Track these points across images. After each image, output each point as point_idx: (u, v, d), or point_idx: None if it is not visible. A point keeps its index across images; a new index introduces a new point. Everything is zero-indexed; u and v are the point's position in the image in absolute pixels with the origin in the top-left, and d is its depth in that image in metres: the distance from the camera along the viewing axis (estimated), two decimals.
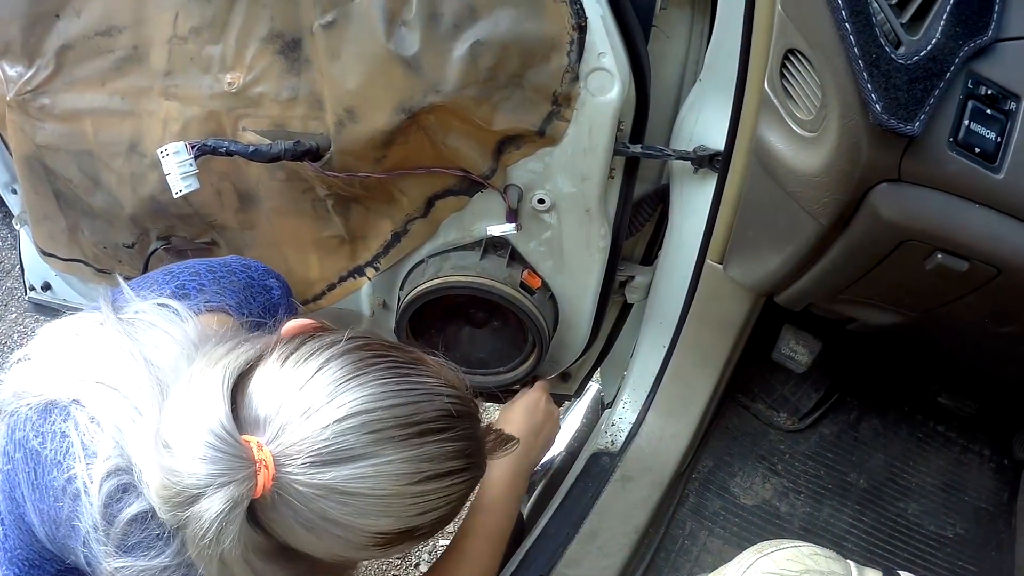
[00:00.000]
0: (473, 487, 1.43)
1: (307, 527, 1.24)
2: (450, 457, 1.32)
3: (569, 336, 2.36)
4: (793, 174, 1.60)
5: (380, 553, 1.36)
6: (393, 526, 1.28)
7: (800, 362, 2.57)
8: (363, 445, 1.24)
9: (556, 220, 2.07)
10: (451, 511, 1.38)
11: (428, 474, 1.29)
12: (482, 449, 1.44)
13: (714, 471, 2.50)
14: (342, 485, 1.22)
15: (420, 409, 1.30)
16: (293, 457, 1.22)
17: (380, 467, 1.24)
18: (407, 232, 2.14)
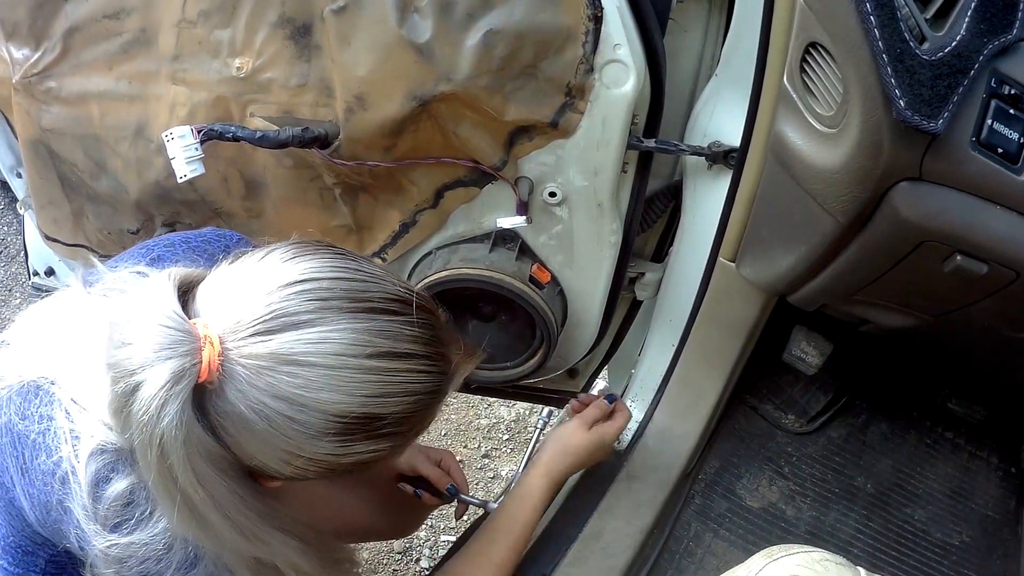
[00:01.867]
0: (439, 389, 1.37)
1: (257, 411, 1.20)
2: (406, 339, 1.28)
3: (577, 332, 2.34)
4: (811, 170, 1.58)
5: (340, 449, 1.26)
6: (349, 406, 1.23)
7: (811, 364, 2.55)
8: (308, 311, 1.22)
9: (567, 214, 2.05)
10: (415, 410, 1.32)
11: (383, 350, 1.25)
12: (444, 346, 1.38)
13: (720, 472, 2.48)
14: (288, 351, 1.20)
15: (368, 288, 1.29)
16: (238, 331, 1.21)
17: (327, 334, 1.22)
18: (415, 223, 2.12)
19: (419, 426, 1.39)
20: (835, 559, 1.40)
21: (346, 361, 1.21)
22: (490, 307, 2.30)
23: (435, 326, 1.36)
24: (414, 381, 1.29)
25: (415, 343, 1.29)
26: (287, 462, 1.26)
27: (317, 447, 1.24)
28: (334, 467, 1.28)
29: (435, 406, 1.38)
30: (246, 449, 1.24)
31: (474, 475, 3.55)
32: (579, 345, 2.39)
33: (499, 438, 3.79)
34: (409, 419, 1.31)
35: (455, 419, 3.89)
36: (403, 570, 3.30)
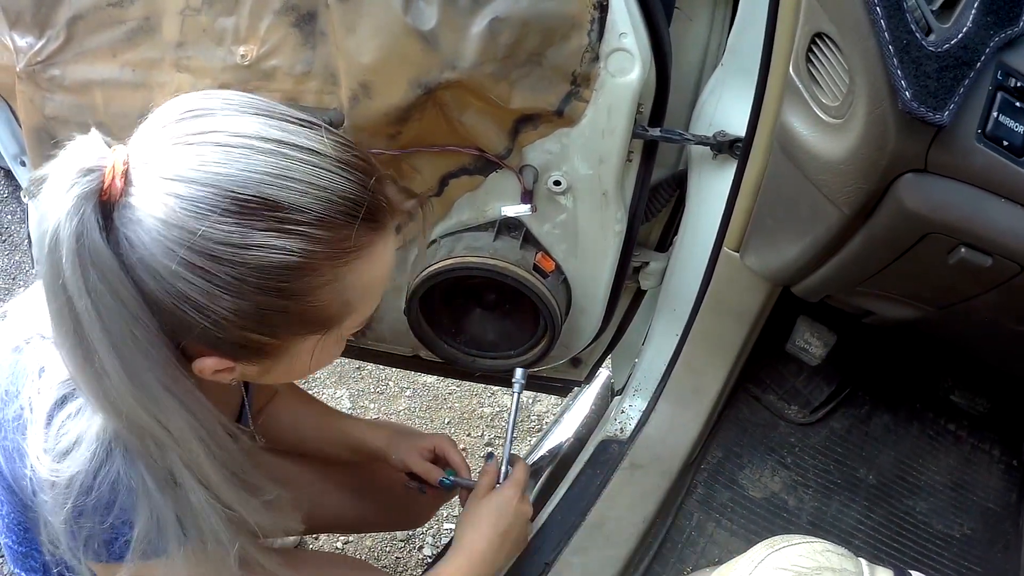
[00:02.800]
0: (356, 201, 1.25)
1: (152, 200, 1.16)
2: (312, 139, 1.24)
3: (581, 321, 2.34)
4: (817, 161, 1.57)
5: (237, 233, 1.17)
6: (243, 182, 1.16)
7: (814, 355, 2.55)
8: (214, 107, 1.23)
9: (572, 203, 2.05)
10: (325, 213, 1.21)
11: (285, 139, 1.21)
12: (365, 162, 1.30)
13: (723, 462, 2.48)
14: (186, 134, 1.20)
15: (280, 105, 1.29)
16: (147, 138, 1.22)
17: (228, 120, 1.22)
18: (420, 211, 2.09)
19: (344, 252, 1.26)
20: (837, 549, 1.41)
21: (243, 141, 1.19)
22: (494, 295, 2.29)
23: (353, 147, 1.31)
24: (319, 177, 1.22)
25: (322, 144, 1.25)
26: (183, 264, 1.16)
27: (212, 229, 1.16)
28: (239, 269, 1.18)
29: (362, 232, 1.26)
30: (140, 265, 1.18)
31: (477, 463, 3.51)
32: (583, 334, 2.39)
33: (502, 427, 3.80)
34: (322, 223, 1.21)
35: (458, 407, 3.90)
36: (406, 558, 3.30)
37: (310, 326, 1.32)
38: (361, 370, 4.10)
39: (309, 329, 1.32)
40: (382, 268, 1.35)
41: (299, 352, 1.36)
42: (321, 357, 1.42)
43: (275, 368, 1.39)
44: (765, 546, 1.44)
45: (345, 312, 1.34)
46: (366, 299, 1.37)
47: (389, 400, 3.97)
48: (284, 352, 1.34)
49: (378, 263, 1.33)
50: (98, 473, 1.31)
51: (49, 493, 1.32)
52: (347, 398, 3.97)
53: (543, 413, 3.88)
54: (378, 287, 1.38)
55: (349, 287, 1.30)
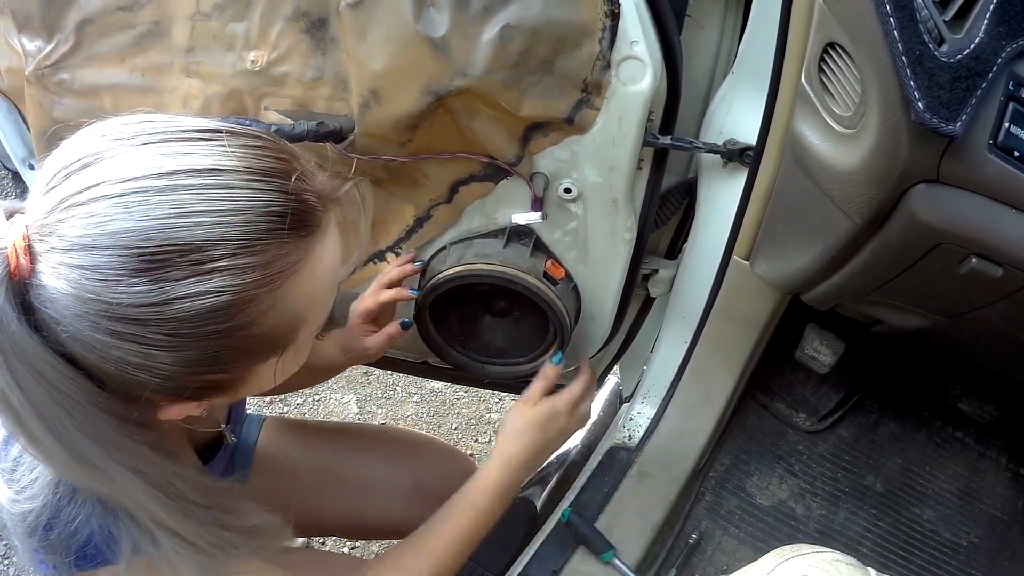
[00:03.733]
0: (281, 212, 1.15)
1: (60, 275, 1.08)
2: (211, 155, 1.13)
3: (591, 328, 2.33)
4: (829, 171, 1.57)
5: (156, 292, 1.08)
6: (144, 234, 1.06)
7: (823, 363, 2.55)
8: (97, 151, 1.12)
9: (582, 210, 2.05)
10: (248, 237, 1.11)
11: (177, 168, 1.10)
12: (282, 162, 1.20)
13: (731, 470, 2.48)
14: (75, 192, 1.09)
15: (173, 123, 1.17)
16: (38, 204, 1.12)
17: (114, 165, 1.10)
18: (430, 218, 2.12)
19: (278, 274, 1.16)
20: (846, 559, 1.41)
21: (134, 185, 1.08)
22: (503, 302, 2.28)
23: (264, 147, 1.20)
24: (230, 200, 1.10)
25: (224, 158, 1.13)
26: (109, 334, 1.10)
27: (126, 294, 1.07)
28: (168, 325, 1.10)
29: (294, 245, 1.18)
30: (71, 341, 1.12)
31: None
32: (592, 341, 2.38)
33: None
34: (246, 251, 1.11)
35: (466, 413, 3.90)
36: None
37: (263, 352, 1.25)
38: (368, 375, 4.10)
39: (263, 355, 1.25)
40: (325, 271, 1.26)
41: (262, 373, 1.30)
42: (285, 368, 1.34)
43: (242, 391, 1.34)
44: (775, 556, 1.44)
45: (296, 327, 1.26)
46: (315, 307, 1.28)
47: (396, 405, 3.98)
48: (245, 379, 1.29)
49: (320, 267, 1.24)
50: (61, 511, 1.30)
51: (9, 520, 1.32)
52: (354, 403, 3.97)
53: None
54: (325, 291, 1.29)
55: (292, 304, 1.21)
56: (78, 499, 1.30)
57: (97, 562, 1.35)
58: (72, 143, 1.17)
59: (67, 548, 1.32)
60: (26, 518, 1.30)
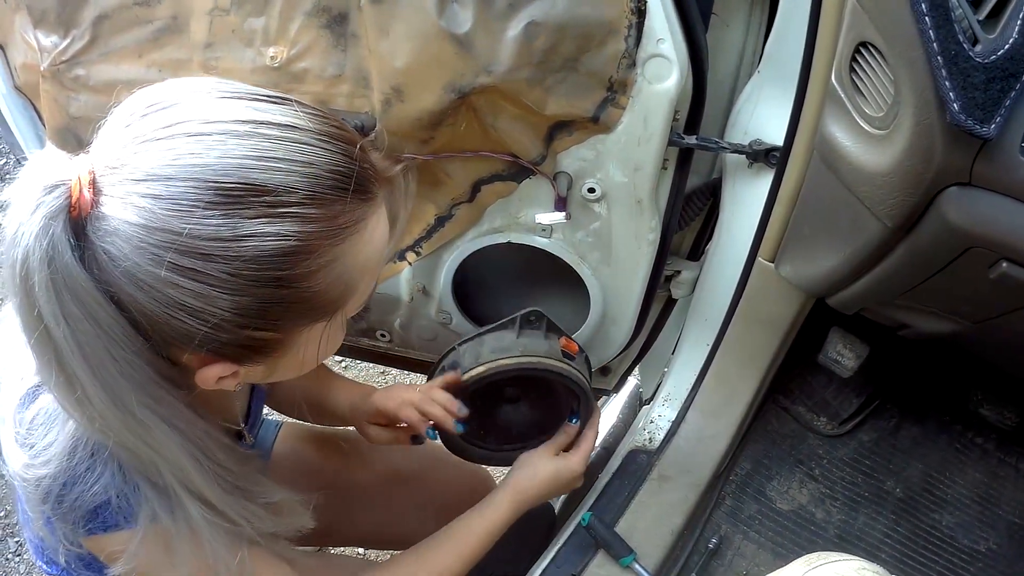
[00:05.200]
0: (344, 174, 1.20)
1: (127, 204, 1.10)
2: (287, 115, 1.18)
3: (612, 330, 2.32)
4: (859, 172, 1.55)
5: (227, 226, 1.10)
6: (223, 171, 1.10)
7: (846, 366, 2.54)
8: (176, 97, 1.18)
9: (606, 210, 2.03)
10: (314, 189, 1.16)
11: (259, 118, 1.16)
12: (344, 132, 1.25)
13: (751, 474, 2.47)
14: (153, 129, 1.14)
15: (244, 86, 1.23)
16: (111, 142, 1.17)
17: (195, 108, 1.16)
18: (451, 217, 2.10)
19: (339, 229, 1.21)
20: (872, 567, 1.41)
21: (216, 127, 1.13)
22: (517, 389, 2.27)
23: (329, 117, 1.25)
24: (303, 153, 1.16)
25: (297, 119, 1.19)
26: (172, 268, 1.10)
27: (198, 226, 1.09)
28: (233, 264, 1.12)
29: (354, 205, 1.22)
30: (124, 278, 1.12)
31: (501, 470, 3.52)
32: (613, 343, 2.37)
33: None
34: (313, 201, 1.16)
35: None
36: None
37: (313, 313, 1.27)
38: (385, 374, 4.09)
39: (312, 317, 1.27)
40: (377, 243, 1.31)
41: (303, 343, 1.31)
42: (327, 345, 1.37)
43: (281, 364, 1.34)
44: (803, 563, 1.43)
45: (347, 294, 1.29)
46: (364, 278, 1.31)
47: None
48: (288, 346, 1.29)
49: (373, 238, 1.29)
50: (77, 477, 1.30)
51: (22, 486, 1.32)
52: None
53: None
54: (375, 263, 1.33)
55: (348, 267, 1.25)
56: (96, 466, 1.31)
57: (109, 526, 1.35)
58: (148, 91, 1.21)
59: (81, 515, 1.33)
60: (40, 483, 1.30)
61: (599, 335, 2.32)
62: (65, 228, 1.10)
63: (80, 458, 1.30)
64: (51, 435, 1.30)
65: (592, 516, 2.14)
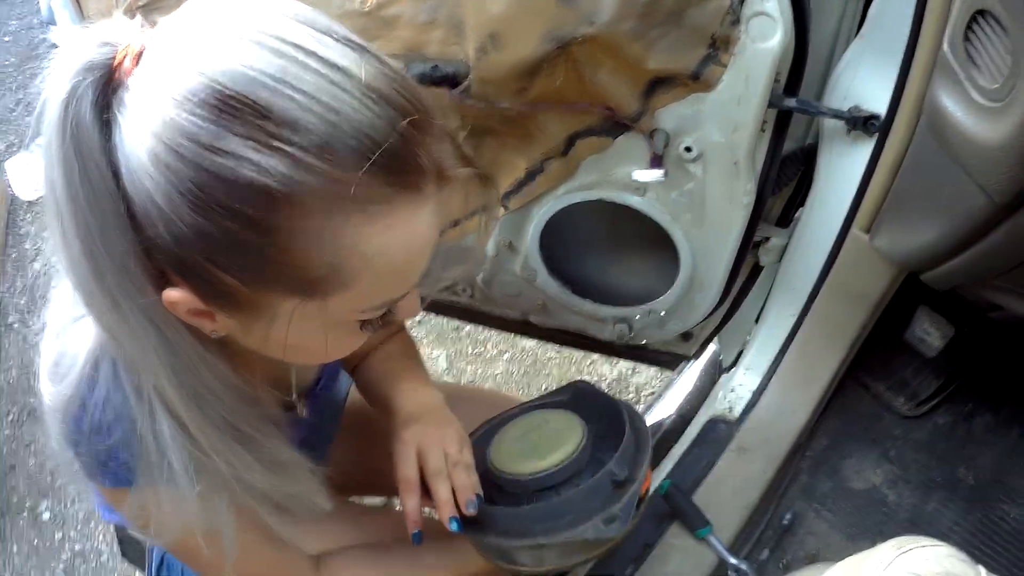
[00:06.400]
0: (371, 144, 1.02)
1: (146, 82, 1.04)
2: (335, 52, 1.04)
3: (699, 296, 2.28)
4: (969, 145, 1.50)
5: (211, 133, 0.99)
6: (232, 76, 0.99)
7: (932, 346, 2.50)
8: (261, 4, 1.07)
9: (701, 170, 1.99)
10: (323, 142, 1.00)
11: (299, 41, 1.03)
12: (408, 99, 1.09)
13: (828, 451, 2.44)
14: (199, 18, 1.07)
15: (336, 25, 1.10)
16: (174, 22, 1.10)
17: (245, 11, 1.06)
18: (543, 171, 2.06)
19: (341, 198, 1.04)
20: (959, 555, 1.37)
21: (261, 36, 1.02)
22: None
23: (397, 79, 1.10)
24: (336, 98, 1.01)
25: (353, 65, 1.04)
26: (152, 155, 1.02)
27: (183, 119, 1.00)
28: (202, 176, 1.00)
29: (376, 182, 1.05)
30: (119, 152, 1.05)
31: None
32: (699, 308, 2.33)
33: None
34: (321, 151, 1.01)
35: (556, 374, 3.87)
36: None
37: (286, 282, 1.10)
38: (459, 330, 4.08)
39: (285, 286, 1.11)
40: (401, 243, 1.12)
41: (277, 317, 1.16)
42: (300, 335, 1.19)
43: (253, 330, 1.20)
44: (894, 547, 1.39)
45: (333, 281, 1.10)
46: (368, 278, 1.12)
47: (487, 363, 3.96)
48: (260, 310, 1.15)
49: (395, 234, 1.10)
50: (89, 393, 1.26)
51: (50, 417, 1.29)
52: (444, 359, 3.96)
53: (641, 385, 3.85)
54: (389, 270, 1.14)
55: (343, 249, 1.07)
56: (110, 392, 1.27)
57: (119, 480, 1.32)
58: None
59: (101, 438, 1.29)
60: (60, 407, 1.27)
61: (685, 300, 2.29)
62: (96, 82, 1.06)
63: (95, 377, 1.26)
64: (71, 358, 1.27)
65: (671, 484, 2.12)
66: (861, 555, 1.45)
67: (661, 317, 2.36)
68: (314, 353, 1.30)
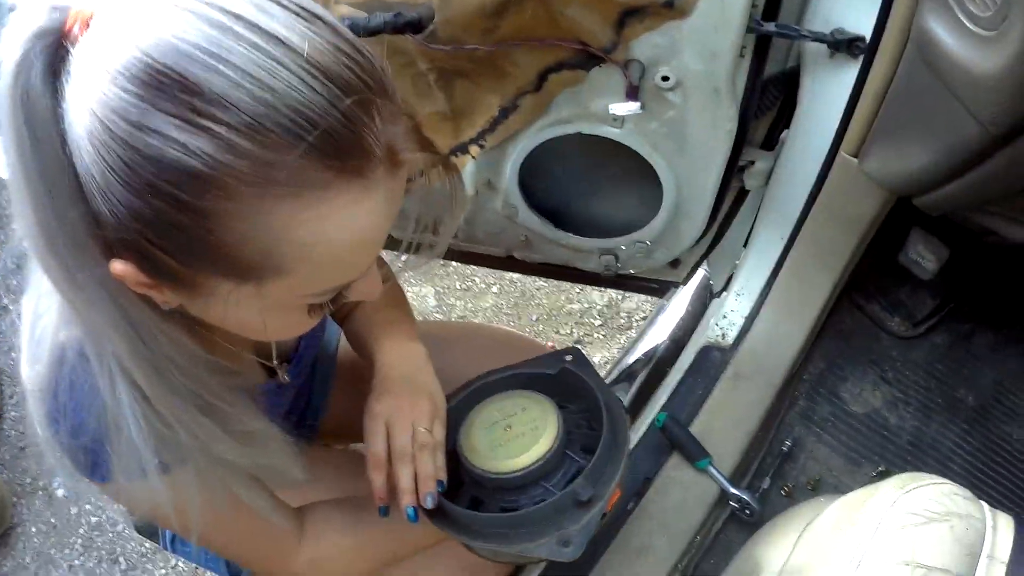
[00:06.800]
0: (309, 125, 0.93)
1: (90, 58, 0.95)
2: (291, 29, 0.95)
3: (684, 224, 2.24)
4: (962, 74, 1.45)
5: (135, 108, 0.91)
6: (159, 49, 0.91)
7: (927, 268, 2.49)
8: None
9: (681, 99, 1.94)
10: (254, 123, 0.91)
11: (253, 20, 0.93)
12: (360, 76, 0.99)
13: (825, 373, 2.43)
14: None
15: None
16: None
17: None
18: (516, 107, 2.01)
19: (271, 182, 0.95)
20: (962, 492, 1.37)
21: (201, 6, 0.94)
22: None
23: (350, 55, 0.99)
24: (272, 73, 0.93)
25: (298, 37, 0.95)
26: (87, 129, 0.94)
27: (111, 93, 0.92)
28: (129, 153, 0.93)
29: (311, 164, 0.96)
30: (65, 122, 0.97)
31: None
32: (686, 236, 2.29)
33: (591, 323, 3.76)
34: (251, 132, 0.93)
35: (546, 304, 3.84)
36: None
37: (219, 265, 1.02)
38: (446, 267, 4.04)
39: (218, 269, 1.03)
40: (343, 232, 1.03)
41: (215, 297, 1.08)
42: (240, 315, 1.12)
43: (193, 304, 1.13)
44: (896, 487, 1.39)
45: (267, 267, 1.03)
46: (306, 267, 1.04)
47: (475, 297, 3.93)
48: (198, 288, 1.06)
49: (335, 223, 1.01)
50: (57, 375, 1.21)
51: (30, 400, 1.23)
52: (432, 296, 3.93)
53: (632, 310, 3.83)
54: (331, 259, 1.05)
55: (275, 236, 0.99)
56: (70, 356, 1.21)
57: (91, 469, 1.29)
58: None
59: (72, 424, 1.24)
60: (37, 389, 1.22)
61: (670, 228, 2.25)
62: (47, 49, 0.98)
63: (65, 357, 1.21)
64: (45, 330, 1.22)
65: (668, 417, 2.10)
66: (863, 492, 1.45)
67: (647, 246, 2.32)
68: (261, 333, 1.20)
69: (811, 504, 1.74)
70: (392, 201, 1.07)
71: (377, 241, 1.10)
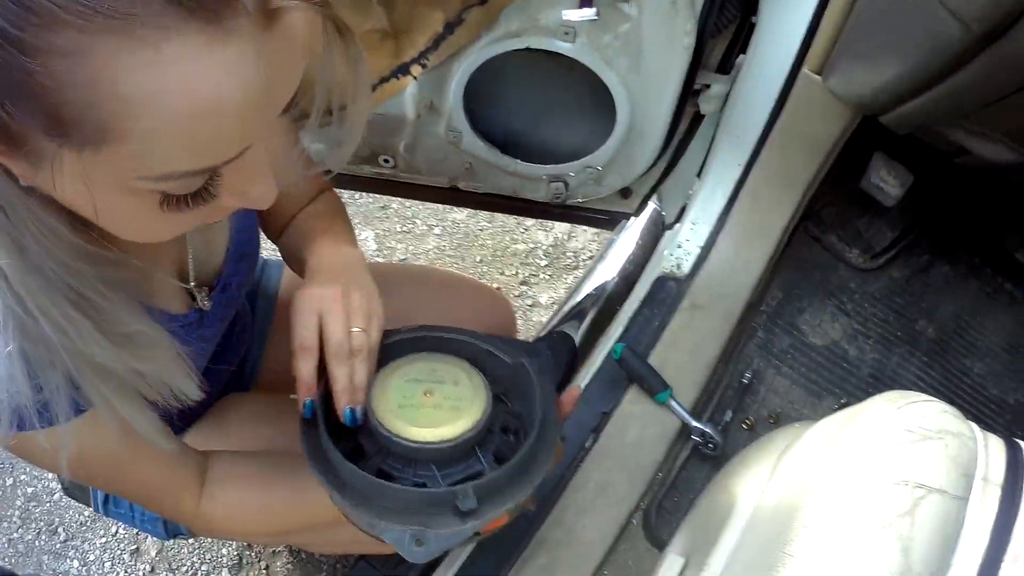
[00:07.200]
0: None
1: None
2: None
3: (638, 148, 2.17)
4: None
5: None
6: None
7: (890, 195, 2.45)
8: None
9: (636, 11, 1.86)
10: None
11: None
12: None
13: (783, 304, 2.40)
14: None
15: None
16: None
17: None
18: (462, 22, 1.92)
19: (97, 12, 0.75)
20: (952, 411, 1.37)
21: None
22: None
23: None
24: None
25: None
26: None
27: None
28: None
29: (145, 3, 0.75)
30: None
31: (512, 303, 3.39)
32: (639, 161, 2.22)
33: (537, 264, 3.69)
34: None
35: (491, 244, 3.77)
36: None
37: (39, 117, 0.81)
38: (386, 209, 3.96)
39: (39, 122, 0.81)
40: (182, 89, 0.80)
41: (43, 161, 0.87)
42: (66, 187, 0.91)
43: (42, 182, 0.92)
44: (885, 402, 1.36)
45: (88, 123, 0.81)
46: (137, 132, 0.82)
47: (417, 239, 3.86)
48: (32, 152, 0.86)
49: (173, 76, 0.79)
50: None
51: None
52: (372, 239, 3.85)
53: (579, 250, 3.76)
54: (167, 125, 0.83)
55: (99, 84, 0.78)
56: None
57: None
58: None
59: None
60: None
61: (623, 152, 2.18)
62: None
63: None
64: None
65: (625, 348, 2.04)
66: (848, 411, 1.43)
67: (598, 172, 2.25)
68: (95, 218, 0.98)
69: (785, 431, 1.70)
70: (269, 67, 0.85)
71: (242, 117, 0.87)
